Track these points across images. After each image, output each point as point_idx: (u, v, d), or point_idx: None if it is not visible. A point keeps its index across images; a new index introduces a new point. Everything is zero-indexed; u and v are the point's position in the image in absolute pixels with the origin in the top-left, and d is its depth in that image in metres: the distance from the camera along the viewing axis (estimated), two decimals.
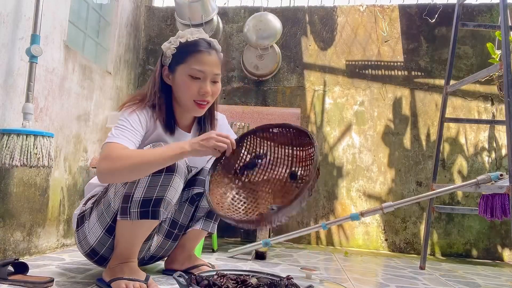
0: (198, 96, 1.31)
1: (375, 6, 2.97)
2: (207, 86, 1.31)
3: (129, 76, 2.85)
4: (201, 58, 1.30)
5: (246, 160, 1.30)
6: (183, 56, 1.31)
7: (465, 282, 1.83)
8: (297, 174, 1.26)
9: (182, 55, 1.32)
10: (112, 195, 1.27)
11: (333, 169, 2.85)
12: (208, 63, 1.31)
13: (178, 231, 1.51)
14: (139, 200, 1.21)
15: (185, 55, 1.31)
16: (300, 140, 1.26)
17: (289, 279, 1.21)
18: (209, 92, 1.31)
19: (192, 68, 1.29)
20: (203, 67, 1.30)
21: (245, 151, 1.31)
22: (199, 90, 1.30)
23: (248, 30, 2.75)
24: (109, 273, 1.27)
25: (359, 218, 1.84)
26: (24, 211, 1.68)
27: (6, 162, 1.44)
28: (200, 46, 1.32)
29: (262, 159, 1.29)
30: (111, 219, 1.29)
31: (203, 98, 1.31)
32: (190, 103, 1.32)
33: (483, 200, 1.88)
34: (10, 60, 1.58)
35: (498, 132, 2.76)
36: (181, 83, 1.32)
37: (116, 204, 1.26)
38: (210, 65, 1.31)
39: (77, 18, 2.20)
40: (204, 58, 1.31)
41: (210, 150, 1.18)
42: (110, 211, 1.28)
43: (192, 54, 1.31)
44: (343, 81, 2.93)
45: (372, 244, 2.76)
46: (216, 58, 1.34)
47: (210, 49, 1.33)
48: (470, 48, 2.85)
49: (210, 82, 1.32)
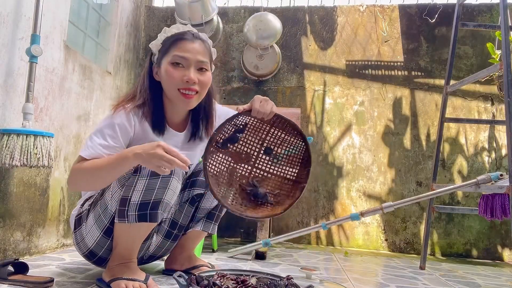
0: (182, 83, 1.26)
1: (375, 6, 2.97)
2: (190, 73, 1.26)
3: (129, 76, 2.85)
4: (183, 45, 1.28)
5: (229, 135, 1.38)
6: (167, 48, 1.30)
7: (465, 282, 1.83)
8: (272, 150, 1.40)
9: (166, 48, 1.30)
10: (109, 198, 1.26)
11: (333, 169, 2.85)
12: (191, 50, 1.28)
13: (177, 232, 1.51)
14: (137, 203, 1.20)
15: (168, 46, 1.30)
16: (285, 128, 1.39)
17: (289, 279, 1.21)
18: (193, 78, 1.26)
19: (174, 55, 1.27)
20: (184, 54, 1.27)
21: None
22: (182, 78, 1.26)
23: (248, 30, 2.75)
24: (109, 273, 1.27)
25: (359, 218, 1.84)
26: (24, 211, 1.68)
27: (6, 162, 1.44)
28: (183, 35, 1.30)
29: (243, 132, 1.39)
30: (108, 221, 1.28)
31: (187, 86, 1.26)
32: (175, 92, 1.28)
33: (483, 200, 1.88)
34: (10, 60, 1.58)
35: (498, 132, 2.76)
36: (164, 73, 1.29)
37: (113, 206, 1.25)
38: (193, 52, 1.28)
39: (77, 18, 2.20)
40: (186, 45, 1.28)
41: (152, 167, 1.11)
42: (108, 213, 1.27)
43: (175, 43, 1.29)
44: (343, 81, 2.93)
45: (372, 244, 2.76)
46: (201, 46, 1.31)
47: (194, 38, 1.30)
48: (470, 48, 2.85)
49: (195, 70, 1.28)
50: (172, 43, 1.29)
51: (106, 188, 1.29)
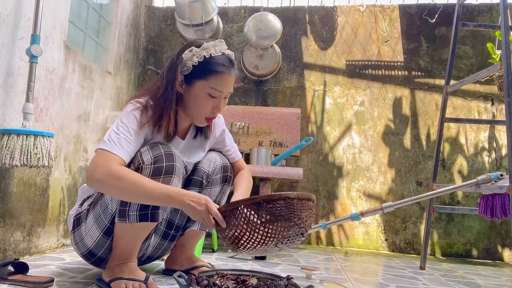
0: (211, 113, 1.32)
1: (375, 6, 2.97)
2: (221, 105, 1.32)
3: (129, 76, 2.85)
4: (223, 79, 1.29)
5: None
6: (205, 72, 1.28)
7: (465, 282, 1.83)
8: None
9: (204, 71, 1.28)
10: (109, 198, 1.26)
11: (333, 169, 2.85)
12: (228, 84, 1.31)
13: (174, 232, 1.51)
14: (138, 203, 1.21)
15: (207, 72, 1.28)
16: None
17: (289, 279, 1.21)
18: (221, 110, 1.34)
19: (213, 88, 1.28)
20: (223, 88, 1.29)
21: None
22: (213, 108, 1.31)
23: (248, 30, 2.75)
24: (108, 273, 1.27)
25: (359, 218, 1.85)
26: (24, 211, 1.68)
27: (6, 162, 1.44)
28: (223, 66, 1.29)
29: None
30: (108, 221, 1.28)
31: (214, 115, 1.34)
32: (201, 118, 1.33)
33: (483, 200, 1.88)
34: (10, 60, 1.58)
35: (498, 132, 2.76)
36: (198, 99, 1.30)
37: (113, 206, 1.25)
38: (230, 85, 1.32)
39: (77, 18, 2.20)
40: (225, 79, 1.29)
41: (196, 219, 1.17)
42: (108, 213, 1.27)
43: (215, 74, 1.28)
44: (343, 81, 2.93)
45: (372, 244, 2.76)
46: (234, 76, 1.33)
47: (231, 68, 1.31)
48: (470, 48, 2.85)
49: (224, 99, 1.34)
50: (213, 73, 1.27)
51: None
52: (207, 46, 1.29)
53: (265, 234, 1.06)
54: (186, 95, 1.32)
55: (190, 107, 1.33)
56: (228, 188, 1.52)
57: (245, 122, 2.83)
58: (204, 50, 1.28)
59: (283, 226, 1.06)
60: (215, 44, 1.30)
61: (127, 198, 1.19)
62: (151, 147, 1.25)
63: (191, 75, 1.29)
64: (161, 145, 1.25)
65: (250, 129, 2.81)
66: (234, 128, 2.82)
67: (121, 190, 1.14)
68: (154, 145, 1.25)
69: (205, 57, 1.28)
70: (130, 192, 1.14)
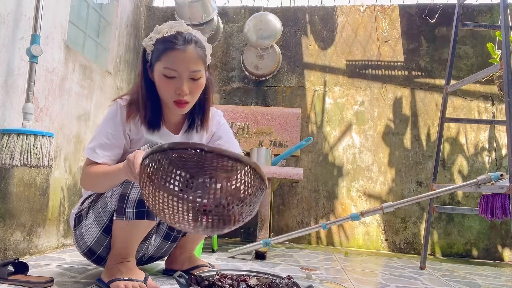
0: (175, 95, 1.26)
1: (375, 6, 2.97)
2: (182, 86, 1.24)
3: (129, 76, 2.85)
4: (174, 56, 1.23)
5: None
6: (159, 54, 1.26)
7: (465, 282, 1.83)
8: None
9: (158, 52, 1.27)
10: (109, 195, 1.27)
11: (333, 169, 2.85)
12: (182, 61, 1.23)
13: (176, 233, 1.51)
14: (135, 200, 1.21)
15: (160, 53, 1.26)
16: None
17: (289, 279, 1.21)
18: (184, 91, 1.24)
19: (165, 68, 1.24)
20: (175, 66, 1.23)
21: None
22: (174, 90, 1.25)
23: (248, 30, 2.75)
24: (107, 274, 1.27)
25: (359, 218, 1.85)
26: (24, 211, 1.68)
27: (6, 162, 1.44)
28: (174, 43, 1.24)
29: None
30: (108, 219, 1.28)
31: (180, 98, 1.26)
32: (170, 102, 1.28)
33: (484, 200, 1.88)
34: (10, 60, 1.58)
35: (498, 132, 2.76)
36: (158, 82, 1.28)
37: (113, 204, 1.26)
38: (185, 62, 1.24)
39: (77, 18, 2.19)
40: (177, 56, 1.23)
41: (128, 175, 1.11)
42: (107, 211, 1.28)
43: (165, 52, 1.24)
44: (343, 81, 2.93)
45: (372, 244, 2.76)
46: (193, 53, 1.25)
47: (185, 45, 1.24)
48: (470, 48, 2.85)
49: (188, 80, 1.25)
50: (163, 51, 1.24)
51: None
52: (160, 29, 1.29)
53: (171, 195, 0.86)
54: (156, 84, 1.30)
55: (160, 94, 1.31)
56: None
57: (245, 122, 2.83)
58: (157, 33, 1.28)
59: (193, 188, 0.85)
60: (171, 25, 1.29)
61: (100, 188, 1.30)
62: (150, 146, 1.26)
63: (152, 60, 1.30)
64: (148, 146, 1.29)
65: (250, 129, 2.81)
66: (234, 128, 2.82)
67: (92, 183, 1.29)
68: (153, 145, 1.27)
69: (157, 39, 1.28)
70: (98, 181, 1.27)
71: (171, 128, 1.39)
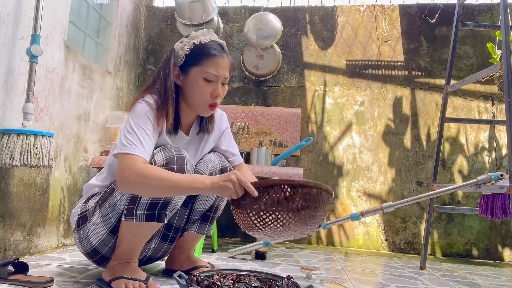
0: (211, 99, 1.33)
1: (376, 6, 2.97)
2: (219, 89, 1.33)
3: (129, 76, 2.85)
4: (216, 62, 1.31)
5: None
6: (198, 58, 1.31)
7: (465, 282, 1.83)
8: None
9: (196, 57, 1.32)
10: (118, 196, 1.27)
11: (333, 168, 2.85)
12: (221, 67, 1.32)
13: (173, 234, 1.51)
14: (147, 202, 1.22)
15: (200, 58, 1.31)
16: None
17: (289, 279, 1.21)
18: (221, 94, 1.34)
19: (208, 72, 1.30)
20: (217, 71, 1.31)
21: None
22: (212, 93, 1.32)
23: (249, 30, 2.75)
24: (109, 273, 1.27)
25: (360, 218, 1.85)
26: (24, 211, 1.68)
27: (6, 162, 1.44)
28: (214, 49, 1.33)
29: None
30: (116, 220, 1.28)
31: (215, 101, 1.33)
32: (204, 105, 1.34)
33: (484, 200, 1.88)
34: (10, 60, 1.58)
35: (498, 132, 2.76)
36: (195, 86, 1.32)
37: (122, 205, 1.26)
38: (223, 68, 1.33)
39: (77, 18, 2.19)
40: (218, 61, 1.32)
41: (226, 195, 1.15)
42: (116, 212, 1.28)
43: (207, 57, 1.31)
44: (343, 81, 2.93)
45: (373, 244, 2.76)
46: (227, 61, 1.35)
47: (223, 52, 1.34)
48: (470, 48, 2.84)
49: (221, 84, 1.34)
50: (205, 57, 1.31)
51: (116, 186, 1.29)
52: (195, 35, 1.34)
53: (290, 217, 1.08)
54: (185, 85, 1.35)
55: (190, 97, 1.34)
56: None
57: (245, 122, 2.83)
58: (193, 38, 1.33)
59: (309, 214, 1.10)
60: (204, 33, 1.35)
61: (157, 194, 1.20)
62: (163, 149, 1.27)
63: (185, 64, 1.33)
64: (173, 148, 1.28)
65: (250, 129, 2.81)
66: (234, 128, 2.81)
67: (149, 186, 1.16)
68: (166, 147, 1.28)
69: (195, 45, 1.32)
70: (158, 186, 1.16)
71: (183, 129, 1.42)
